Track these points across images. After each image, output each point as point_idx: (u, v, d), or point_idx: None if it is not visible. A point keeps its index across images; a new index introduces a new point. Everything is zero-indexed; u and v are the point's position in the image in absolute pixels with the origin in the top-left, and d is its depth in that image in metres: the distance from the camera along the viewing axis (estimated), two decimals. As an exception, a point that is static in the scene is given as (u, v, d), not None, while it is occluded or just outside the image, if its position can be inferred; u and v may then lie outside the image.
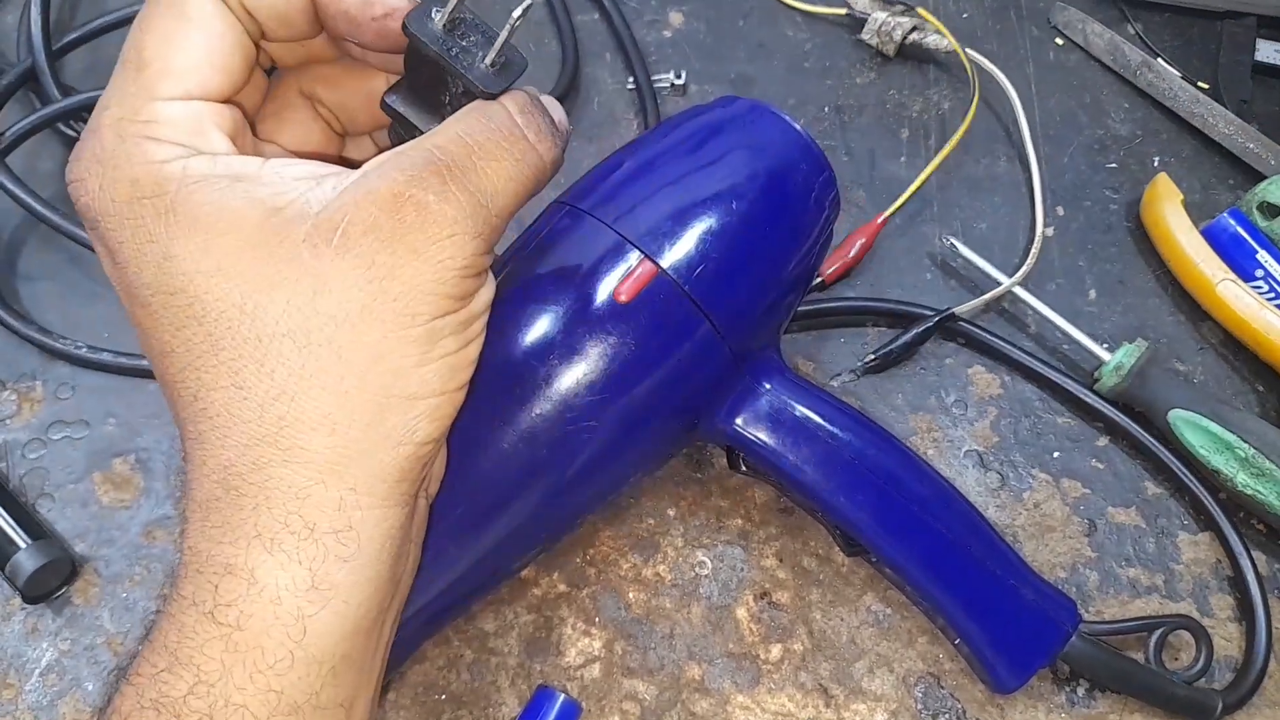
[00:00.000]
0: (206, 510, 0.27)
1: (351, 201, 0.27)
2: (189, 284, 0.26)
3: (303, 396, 0.26)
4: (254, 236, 0.26)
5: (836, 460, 0.37)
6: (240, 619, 0.26)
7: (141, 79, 0.28)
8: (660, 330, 0.34)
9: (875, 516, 0.38)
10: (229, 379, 0.26)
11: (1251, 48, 0.56)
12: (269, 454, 0.26)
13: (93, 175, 0.27)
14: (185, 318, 0.27)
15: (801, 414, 0.38)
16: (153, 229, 0.27)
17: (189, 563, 0.27)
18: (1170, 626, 0.40)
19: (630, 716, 0.41)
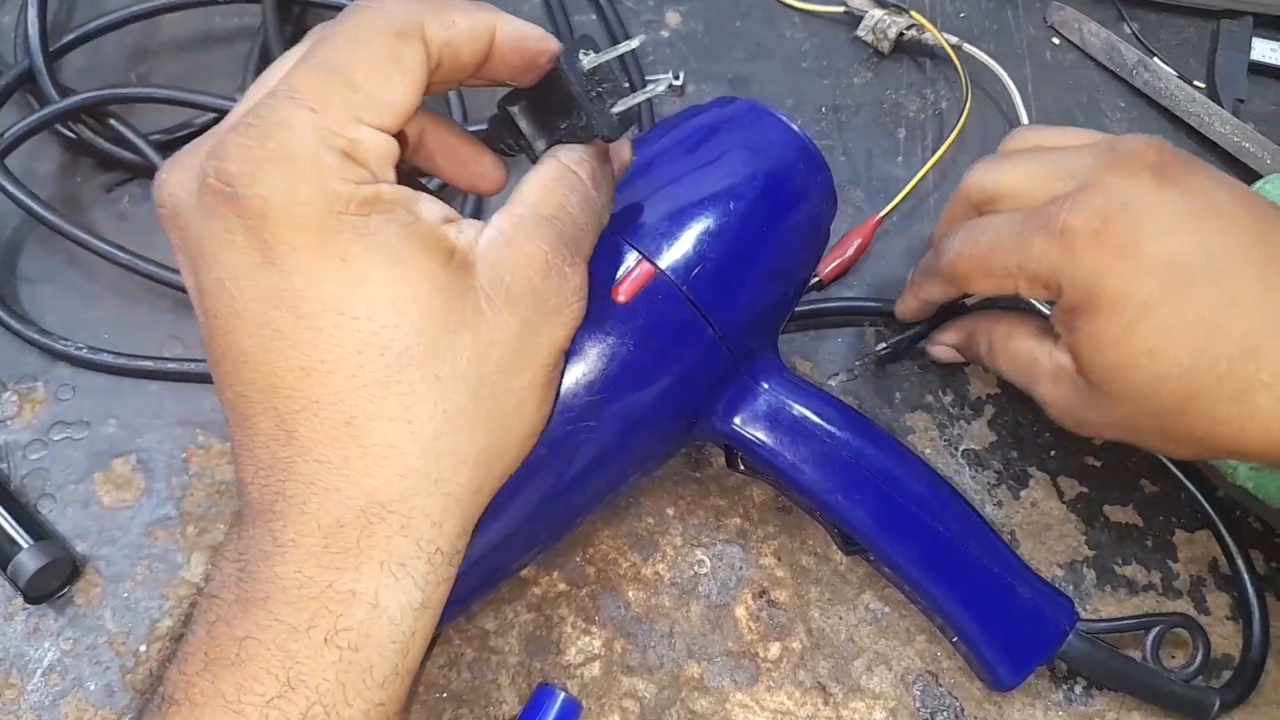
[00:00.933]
0: (328, 536, 0.27)
1: (509, 259, 0.29)
2: (378, 311, 0.27)
3: (464, 434, 0.28)
4: (441, 277, 0.27)
5: (834, 459, 0.38)
6: (357, 641, 0.27)
7: (351, 99, 0.27)
8: (658, 331, 0.34)
9: (873, 515, 0.38)
10: (399, 411, 0.27)
11: (1248, 47, 0.56)
12: (420, 484, 0.27)
13: (279, 171, 0.26)
14: (362, 343, 0.27)
15: (799, 413, 0.38)
16: (349, 248, 0.26)
17: (294, 588, 0.26)
18: (1167, 625, 0.41)
19: (630, 714, 0.41)
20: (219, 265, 0.27)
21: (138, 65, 0.54)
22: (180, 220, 0.28)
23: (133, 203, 0.50)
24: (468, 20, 0.30)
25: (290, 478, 0.27)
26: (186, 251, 0.28)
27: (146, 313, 0.48)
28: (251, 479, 0.27)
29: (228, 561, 0.28)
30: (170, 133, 0.51)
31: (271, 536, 0.27)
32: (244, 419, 0.27)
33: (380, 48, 0.28)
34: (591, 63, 0.31)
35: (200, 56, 0.54)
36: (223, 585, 0.27)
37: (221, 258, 0.27)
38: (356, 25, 0.28)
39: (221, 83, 0.53)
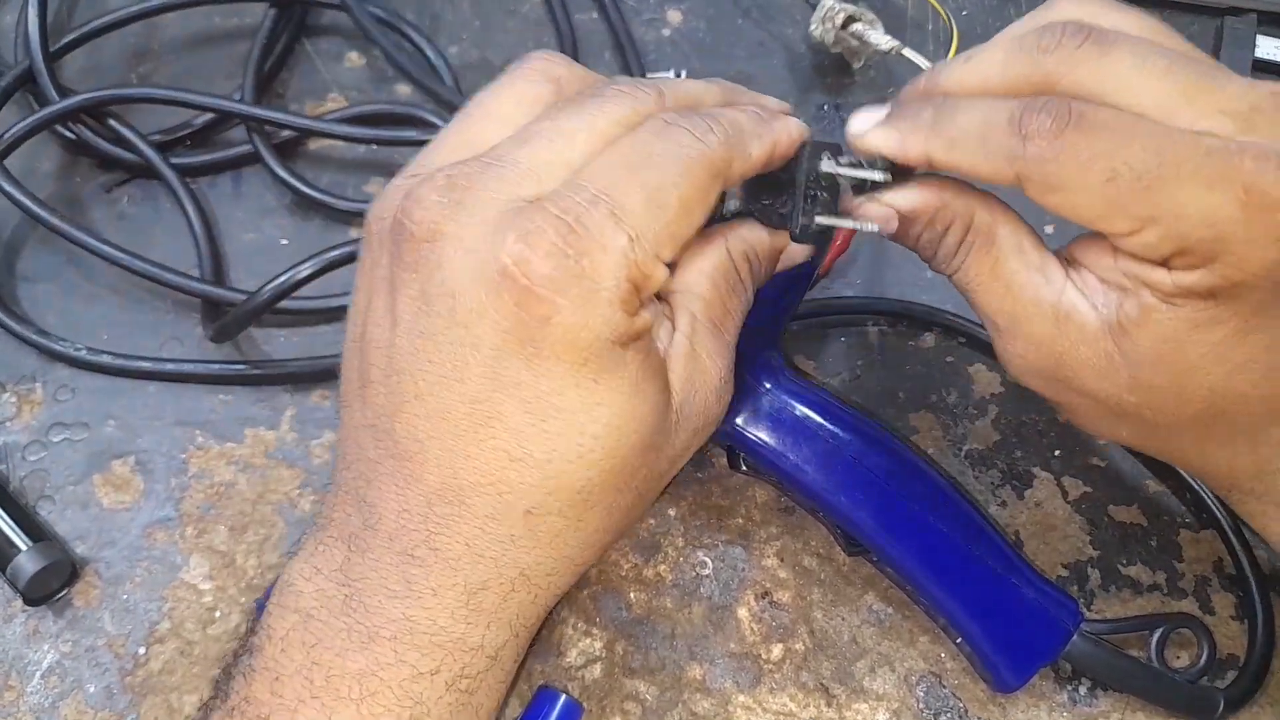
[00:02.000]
0: (471, 596, 0.28)
1: (695, 381, 0.31)
2: (605, 434, 0.28)
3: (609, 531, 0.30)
4: (660, 410, 0.29)
5: (837, 459, 0.37)
6: (474, 686, 0.29)
7: (662, 236, 0.27)
8: None
9: (876, 516, 0.38)
10: (577, 514, 0.29)
11: (1252, 44, 0.56)
12: (565, 567, 0.30)
13: (581, 293, 0.26)
14: (577, 454, 0.28)
15: (801, 413, 0.38)
16: (603, 373, 0.27)
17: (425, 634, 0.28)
18: (1172, 625, 0.40)
19: (631, 716, 0.41)
20: (467, 330, 0.26)
21: (138, 65, 0.54)
22: (432, 256, 0.27)
23: (132, 203, 0.50)
24: (760, 150, 0.29)
25: (447, 534, 0.28)
26: (422, 287, 0.27)
27: (146, 314, 0.47)
28: (392, 514, 0.28)
29: (329, 582, 0.28)
30: (170, 133, 0.51)
31: (405, 579, 0.28)
32: (406, 457, 0.28)
33: (699, 187, 0.28)
34: (829, 169, 0.31)
35: (200, 56, 0.54)
36: (324, 607, 0.28)
37: (475, 326, 0.26)
38: (685, 155, 0.27)
39: (221, 83, 0.53)
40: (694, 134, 0.28)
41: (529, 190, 0.27)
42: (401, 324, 0.28)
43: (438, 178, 0.28)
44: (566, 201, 0.26)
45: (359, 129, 0.49)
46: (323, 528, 0.29)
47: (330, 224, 0.50)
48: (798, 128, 0.30)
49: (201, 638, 0.41)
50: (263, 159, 0.49)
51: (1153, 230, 0.26)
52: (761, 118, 0.30)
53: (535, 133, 0.28)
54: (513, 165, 0.27)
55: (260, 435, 0.45)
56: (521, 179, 0.27)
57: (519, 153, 0.28)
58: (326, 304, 0.47)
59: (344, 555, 0.28)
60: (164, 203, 0.50)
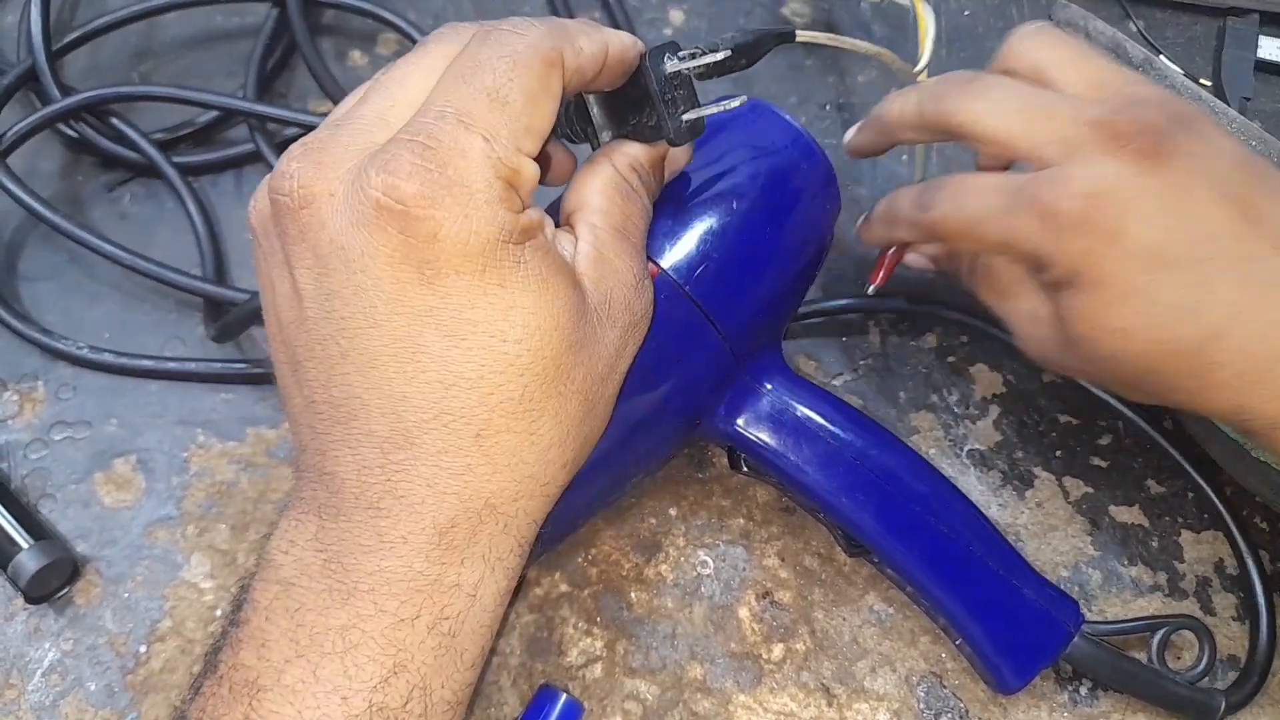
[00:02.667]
0: (441, 535, 0.28)
1: (608, 278, 0.31)
2: (526, 336, 0.28)
3: (570, 442, 0.30)
4: (574, 302, 0.29)
5: (838, 460, 0.37)
6: (455, 628, 0.28)
7: (515, 128, 0.28)
8: (661, 331, 0.34)
9: (877, 517, 0.38)
10: (525, 426, 0.29)
11: (1254, 44, 0.56)
12: (530, 488, 0.30)
13: (455, 200, 0.27)
14: (505, 364, 0.28)
15: (803, 414, 0.37)
16: (506, 275, 0.28)
17: (401, 581, 0.28)
18: (1173, 627, 0.40)
19: (632, 716, 0.41)
20: (365, 275, 0.27)
21: (140, 64, 0.54)
22: (312, 219, 0.28)
23: (134, 202, 0.50)
24: (590, 45, 0.30)
25: (406, 479, 0.28)
26: (314, 252, 0.28)
27: (148, 312, 0.47)
28: (352, 475, 0.28)
29: (305, 550, 0.28)
30: (172, 131, 0.51)
31: (375, 532, 0.28)
32: (350, 418, 0.28)
33: (536, 77, 0.29)
34: (673, 67, 0.32)
35: (202, 55, 0.54)
36: (303, 574, 0.28)
37: (371, 269, 0.27)
38: (512, 52, 0.29)
39: (223, 82, 0.53)
40: (516, 32, 0.29)
41: (381, 136, 0.28)
42: (306, 295, 0.28)
43: (294, 148, 0.29)
44: (414, 126, 0.27)
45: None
46: (293, 506, 0.30)
47: (332, 223, 0.50)
48: (629, 38, 0.32)
49: (203, 636, 0.41)
50: (265, 158, 0.49)
51: (1008, 253, 0.36)
52: (589, 24, 0.32)
53: (372, 88, 0.30)
54: (359, 119, 0.29)
55: (261, 434, 0.45)
56: (370, 128, 0.29)
57: (362, 109, 0.30)
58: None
59: (316, 525, 0.29)
60: (166, 201, 0.50)
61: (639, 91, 0.32)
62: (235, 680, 0.27)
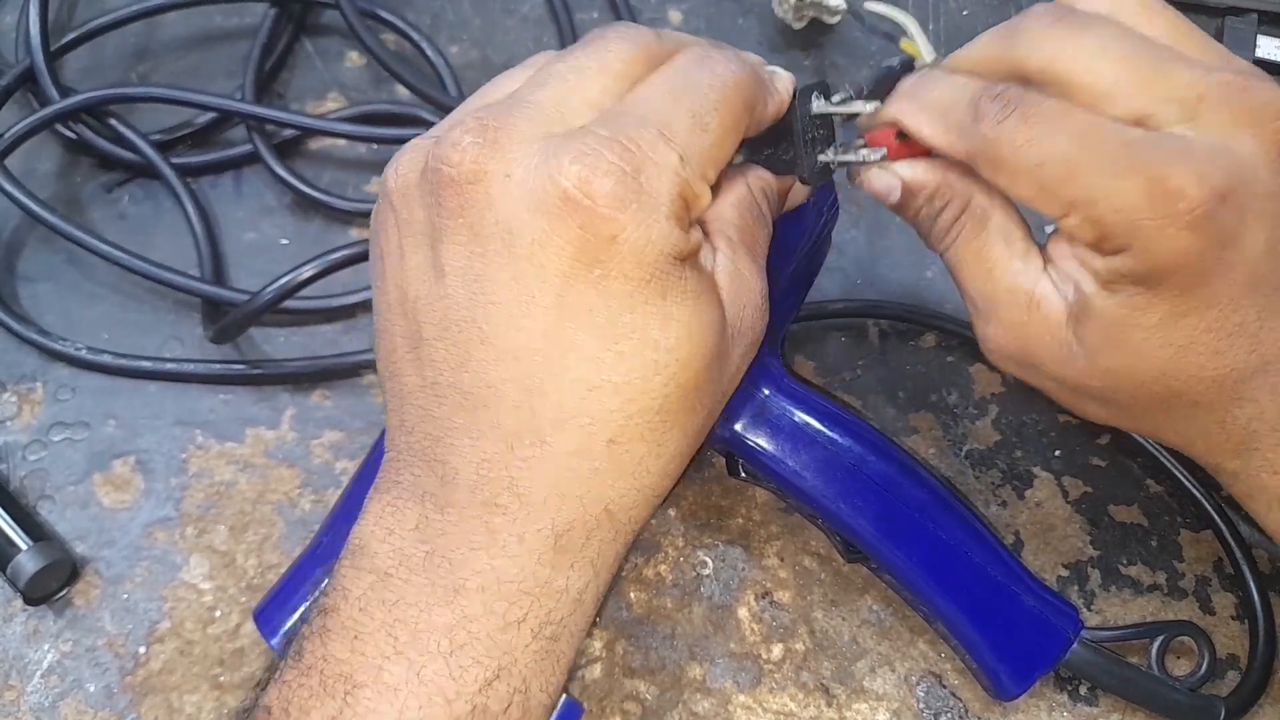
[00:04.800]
0: (559, 537, 0.27)
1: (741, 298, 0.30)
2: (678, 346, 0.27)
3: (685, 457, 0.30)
4: (721, 325, 0.29)
5: (836, 466, 0.37)
6: (557, 632, 0.28)
7: (708, 157, 0.28)
8: None
9: (875, 522, 0.37)
10: (658, 437, 0.28)
11: (1252, 44, 0.56)
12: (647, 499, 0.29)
13: (643, 208, 0.26)
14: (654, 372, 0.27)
15: (801, 419, 0.37)
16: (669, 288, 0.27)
17: (512, 581, 0.27)
18: (1172, 633, 0.40)
19: (632, 716, 0.41)
20: (530, 262, 0.26)
21: (138, 65, 0.54)
22: (479, 196, 0.27)
23: (133, 203, 0.50)
24: (773, 107, 0.31)
25: (530, 478, 0.27)
26: (471, 229, 0.27)
27: (146, 313, 0.47)
28: (470, 467, 0.27)
29: (405, 541, 0.27)
30: (171, 132, 0.51)
31: (488, 529, 0.27)
32: (479, 406, 0.27)
33: (735, 114, 0.28)
34: (820, 109, 0.32)
35: (201, 56, 0.54)
36: (402, 565, 0.27)
37: (538, 257, 0.26)
38: (723, 82, 0.28)
39: (222, 82, 0.53)
40: (731, 65, 0.29)
41: (558, 128, 0.27)
42: (451, 271, 0.27)
43: (467, 121, 0.27)
44: (614, 125, 0.27)
45: (360, 128, 0.49)
46: (389, 490, 0.28)
47: (330, 223, 0.50)
48: (790, 77, 0.32)
49: (201, 637, 0.41)
50: (263, 159, 0.49)
51: (1075, 214, 0.28)
52: (779, 74, 0.31)
53: (550, 74, 0.29)
54: (537, 106, 0.28)
55: (260, 435, 0.45)
56: (548, 118, 0.27)
57: (539, 94, 0.28)
58: (327, 304, 0.47)
59: (419, 514, 0.28)
60: (164, 202, 0.50)
61: (781, 125, 0.32)
62: (327, 674, 0.26)
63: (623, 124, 0.27)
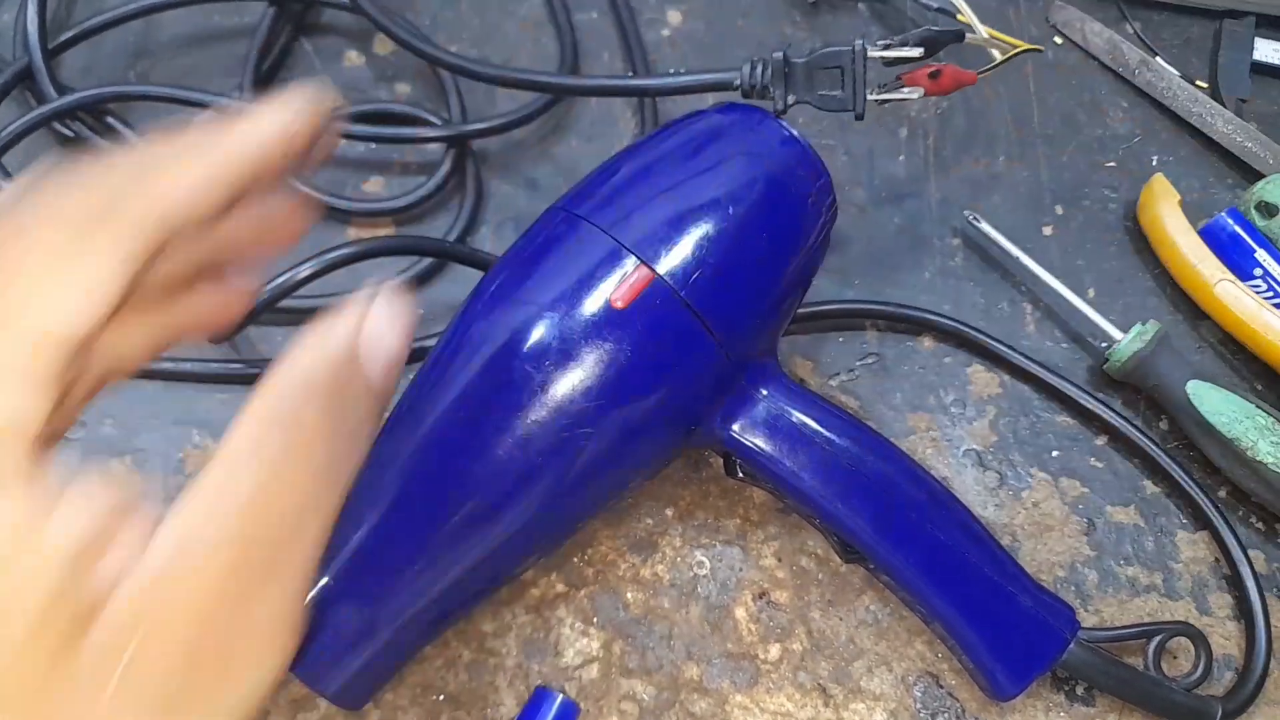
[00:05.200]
0: None
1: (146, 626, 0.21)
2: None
3: None
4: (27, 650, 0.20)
5: (834, 466, 0.37)
6: None
7: None
8: (657, 337, 0.34)
9: (873, 523, 0.38)
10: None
11: (1250, 46, 0.56)
12: None
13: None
14: None
15: (798, 420, 0.37)
16: None
17: None
18: (1169, 633, 0.40)
19: (628, 717, 0.41)
20: None
21: (137, 63, 0.54)
22: None
23: (130, 201, 0.50)
24: (190, 178, 0.23)
25: None
26: None
27: (144, 312, 0.47)
28: None
29: None
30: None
31: None
32: None
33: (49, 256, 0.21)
34: (875, 54, 0.39)
35: (199, 55, 0.54)
36: None
37: None
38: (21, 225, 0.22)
39: (220, 81, 0.52)
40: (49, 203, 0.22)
41: None
42: None
43: None
44: None
45: (358, 127, 0.49)
46: None
47: (328, 223, 0.50)
48: (317, 105, 0.25)
49: (198, 637, 0.41)
50: (261, 158, 0.49)
51: None
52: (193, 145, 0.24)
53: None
54: None
55: (258, 434, 0.45)
56: None
57: None
58: (325, 303, 0.47)
59: None
60: (162, 201, 0.50)
61: (835, 68, 0.37)
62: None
63: None
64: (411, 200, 0.49)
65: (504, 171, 0.52)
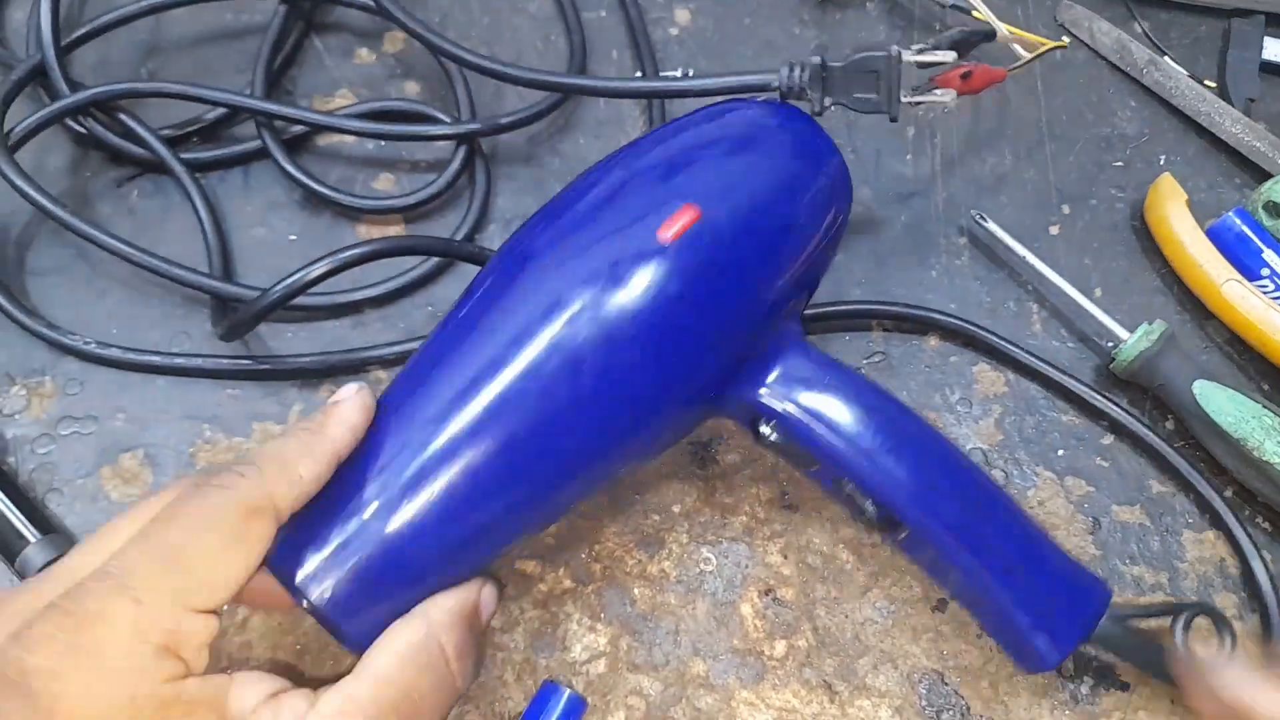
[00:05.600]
0: None
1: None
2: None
3: None
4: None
5: (869, 426, 0.37)
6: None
7: (184, 586, 0.28)
8: (701, 273, 0.35)
9: (912, 483, 0.37)
10: None
11: (1259, 46, 0.56)
12: None
13: (82, 669, 0.26)
14: None
15: (831, 380, 0.38)
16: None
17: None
18: (1193, 612, 0.40)
19: (635, 712, 0.41)
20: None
21: (148, 60, 0.54)
22: None
23: (142, 198, 0.50)
24: (312, 466, 0.30)
25: None
26: None
27: (155, 308, 0.48)
28: None
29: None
30: (180, 128, 0.51)
31: None
32: None
33: (227, 531, 0.28)
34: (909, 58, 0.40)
35: (211, 52, 0.54)
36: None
37: None
38: (206, 506, 0.29)
39: (232, 78, 0.53)
40: (221, 485, 0.29)
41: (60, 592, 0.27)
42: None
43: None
44: (71, 591, 0.27)
45: (369, 124, 0.50)
46: None
47: (338, 219, 0.50)
48: (355, 398, 0.32)
49: (209, 630, 0.42)
50: (272, 154, 0.49)
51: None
52: (309, 431, 0.31)
53: (91, 536, 0.30)
54: (51, 574, 0.29)
55: (268, 430, 0.46)
56: (55, 584, 0.28)
57: (66, 560, 0.30)
58: (334, 300, 0.47)
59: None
60: (173, 197, 0.50)
61: (871, 72, 0.39)
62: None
63: (80, 585, 0.27)
64: (421, 198, 0.49)
65: (513, 169, 0.52)
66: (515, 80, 0.47)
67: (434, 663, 0.30)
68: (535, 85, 0.47)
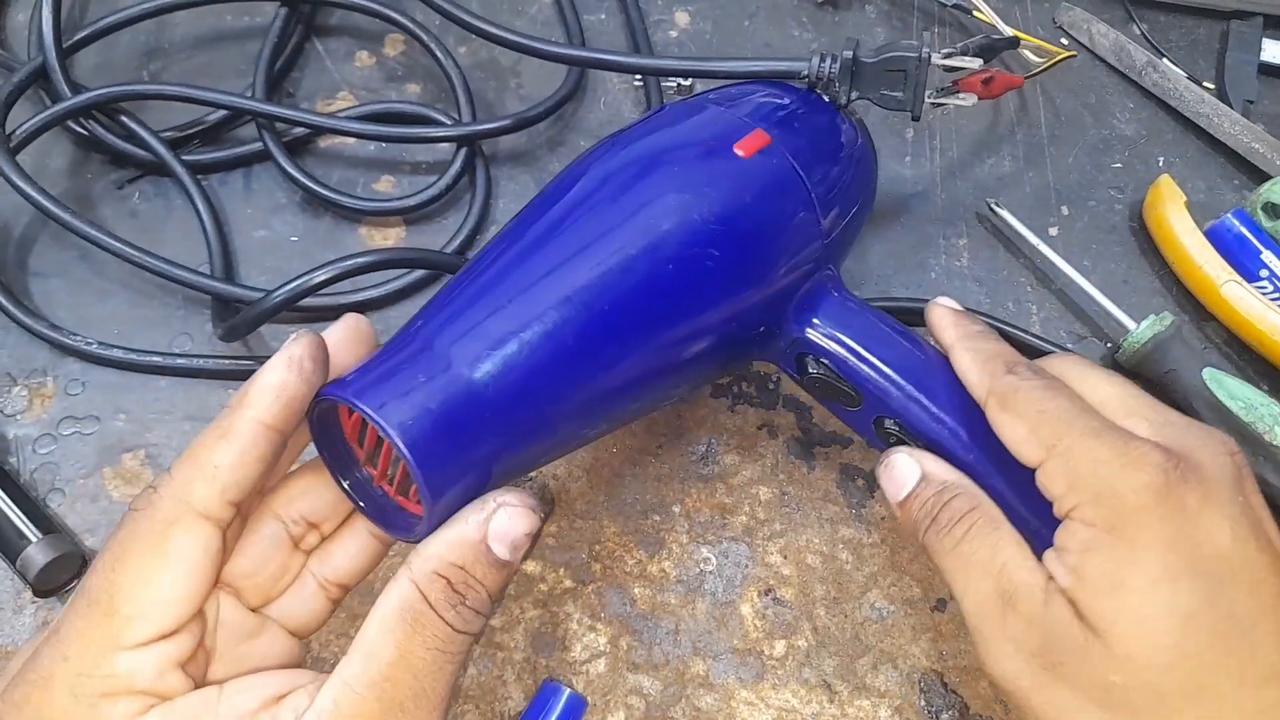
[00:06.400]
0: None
1: None
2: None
3: None
4: None
5: (913, 363, 0.38)
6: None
7: (109, 626, 0.27)
8: (772, 186, 0.37)
9: (959, 420, 0.37)
10: None
11: (1258, 47, 0.56)
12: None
13: None
14: None
15: (872, 319, 0.39)
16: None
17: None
18: None
19: (635, 711, 0.41)
20: None
21: (150, 63, 0.54)
22: None
23: (143, 200, 0.50)
24: (228, 451, 0.29)
25: None
26: None
27: (156, 308, 0.48)
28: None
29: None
30: (182, 130, 0.51)
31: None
32: None
33: (146, 553, 0.28)
34: (937, 61, 0.40)
35: (212, 54, 0.54)
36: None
37: None
38: (121, 536, 0.28)
39: (233, 80, 0.53)
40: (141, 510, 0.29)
41: None
42: None
43: None
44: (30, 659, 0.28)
45: (370, 126, 0.50)
46: None
47: (340, 221, 0.50)
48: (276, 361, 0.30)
49: (210, 630, 0.42)
50: (273, 156, 0.50)
51: (1052, 459, 0.32)
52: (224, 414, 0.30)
53: None
54: None
55: (269, 430, 0.46)
56: None
57: None
58: (337, 301, 0.47)
59: None
60: (175, 199, 0.50)
61: (899, 70, 0.40)
62: None
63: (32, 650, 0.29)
64: (422, 199, 0.49)
65: (513, 171, 0.52)
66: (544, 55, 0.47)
67: (423, 617, 0.28)
68: (562, 60, 0.48)
